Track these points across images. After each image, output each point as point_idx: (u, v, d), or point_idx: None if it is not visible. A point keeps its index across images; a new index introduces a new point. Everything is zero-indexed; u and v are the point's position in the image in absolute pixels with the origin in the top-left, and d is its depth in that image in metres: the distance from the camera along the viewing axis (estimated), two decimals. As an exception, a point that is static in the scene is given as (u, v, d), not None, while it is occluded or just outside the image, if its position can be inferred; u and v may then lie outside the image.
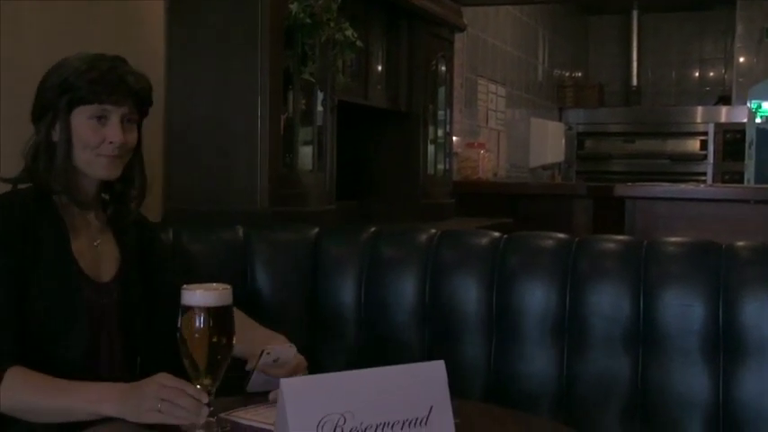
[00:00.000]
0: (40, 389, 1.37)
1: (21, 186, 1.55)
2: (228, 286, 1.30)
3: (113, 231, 1.62)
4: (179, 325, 1.27)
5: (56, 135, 1.51)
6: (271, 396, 1.36)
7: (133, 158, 1.58)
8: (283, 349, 1.46)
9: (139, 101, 1.54)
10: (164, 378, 1.29)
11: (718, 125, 7.38)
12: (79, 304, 1.49)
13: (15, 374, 1.37)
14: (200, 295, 1.27)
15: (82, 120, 1.49)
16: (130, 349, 1.57)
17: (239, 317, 1.55)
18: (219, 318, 1.26)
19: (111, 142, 1.49)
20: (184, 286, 1.28)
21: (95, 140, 1.49)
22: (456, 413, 1.03)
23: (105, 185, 1.58)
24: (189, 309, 1.26)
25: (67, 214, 1.54)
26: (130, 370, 1.56)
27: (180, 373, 1.30)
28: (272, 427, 1.17)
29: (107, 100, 1.49)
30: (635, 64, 8.45)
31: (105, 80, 1.48)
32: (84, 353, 1.48)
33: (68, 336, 1.47)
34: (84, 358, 1.48)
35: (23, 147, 1.54)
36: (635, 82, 8.48)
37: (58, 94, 1.49)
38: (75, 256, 1.52)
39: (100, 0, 2.22)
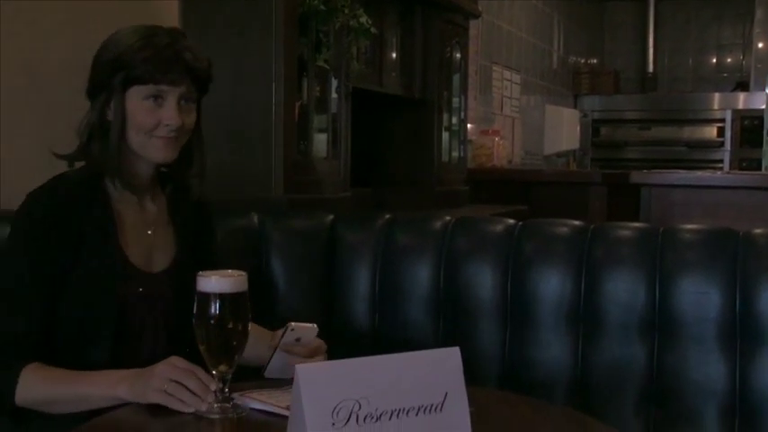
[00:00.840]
0: (57, 379, 1.36)
1: (74, 168, 1.49)
2: (244, 273, 1.30)
3: (171, 218, 1.56)
4: (194, 311, 1.27)
5: (110, 114, 1.44)
6: (272, 343, 1.39)
7: (192, 139, 1.50)
8: (307, 328, 1.46)
9: (198, 79, 1.46)
10: (176, 360, 1.29)
11: (736, 111, 7.32)
12: (119, 295, 1.43)
13: (32, 369, 1.36)
14: (215, 282, 1.27)
15: (137, 100, 1.42)
16: (177, 341, 1.50)
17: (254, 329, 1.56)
18: (235, 304, 1.27)
19: (167, 125, 1.42)
20: (199, 273, 1.29)
21: (151, 123, 1.42)
22: (471, 401, 1.03)
23: (163, 169, 1.52)
24: (204, 295, 1.27)
25: (120, 200, 1.49)
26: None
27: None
28: (284, 411, 1.18)
29: (163, 80, 1.40)
30: (651, 50, 8.37)
31: (161, 58, 1.40)
32: (123, 345, 1.44)
33: (104, 325, 1.43)
34: (125, 346, 1.45)
35: (78, 124, 1.47)
36: (651, 68, 8.40)
37: (112, 72, 1.42)
38: (123, 246, 1.46)
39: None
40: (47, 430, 1.38)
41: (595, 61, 8.46)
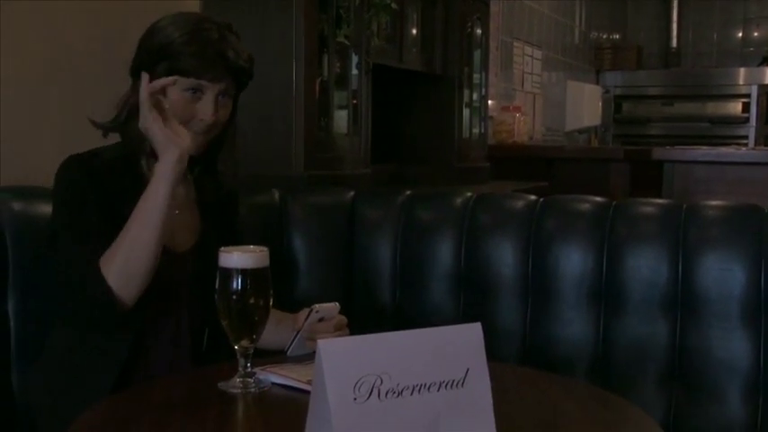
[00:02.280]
0: (124, 236, 1.38)
1: (108, 145, 1.52)
2: (265, 248, 1.30)
3: (197, 200, 1.59)
4: (216, 287, 1.28)
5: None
6: (296, 325, 1.42)
7: (226, 130, 1.54)
8: (330, 308, 1.47)
9: (238, 76, 1.50)
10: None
11: (762, 87, 7.20)
12: None
13: (103, 257, 1.38)
14: (237, 257, 1.27)
15: (177, 90, 1.45)
16: (199, 320, 1.53)
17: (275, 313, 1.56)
18: (257, 279, 1.27)
19: (201, 119, 1.46)
20: (221, 249, 1.29)
21: (186, 115, 1.46)
22: (492, 377, 1.02)
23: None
24: (226, 270, 1.27)
25: (150, 179, 1.50)
26: (196, 341, 1.53)
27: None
28: (306, 386, 1.19)
29: (205, 75, 1.44)
30: (675, 25, 8.24)
31: (205, 55, 1.43)
32: (148, 319, 1.46)
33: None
34: (147, 324, 1.46)
35: (118, 99, 1.50)
36: (675, 43, 8.28)
37: (157, 59, 1.45)
38: None
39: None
40: (82, 392, 1.38)
41: (618, 36, 8.35)
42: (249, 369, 1.27)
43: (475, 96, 4.08)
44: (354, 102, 2.78)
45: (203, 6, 2.44)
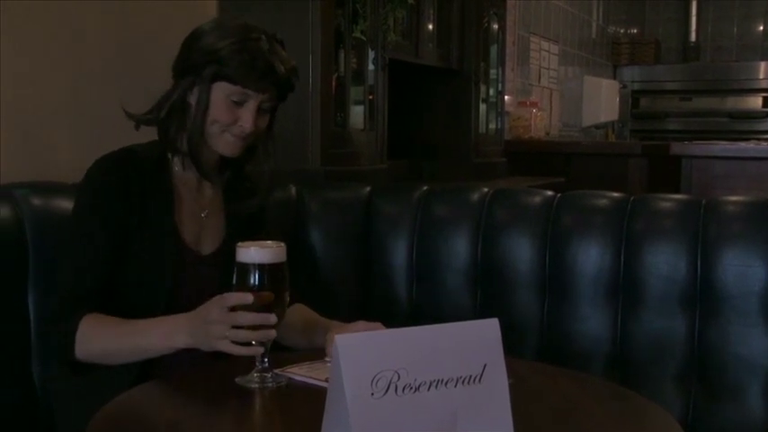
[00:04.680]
0: (115, 332, 1.38)
1: (142, 143, 1.53)
2: (282, 244, 1.30)
3: (225, 204, 1.59)
4: (234, 282, 1.28)
5: (192, 97, 1.48)
6: (329, 352, 1.37)
7: (263, 139, 1.55)
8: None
9: (282, 88, 1.51)
10: (225, 299, 1.26)
11: (784, 81, 7.14)
12: (168, 273, 1.46)
13: (90, 321, 1.38)
14: (254, 252, 1.28)
15: (221, 95, 1.46)
16: None
17: (305, 312, 1.57)
18: (273, 274, 1.28)
19: (241, 125, 1.47)
20: (239, 243, 1.30)
21: (228, 120, 1.47)
22: (510, 372, 1.02)
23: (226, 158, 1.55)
24: (243, 266, 1.28)
25: (181, 180, 1.53)
26: None
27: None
28: (324, 383, 1.19)
29: (251, 86, 1.45)
30: (694, 18, 8.16)
31: (254, 66, 1.44)
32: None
33: (156, 300, 1.45)
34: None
35: (162, 97, 1.51)
36: (693, 38, 8.20)
37: (205, 62, 1.46)
38: (178, 225, 1.50)
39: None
40: (102, 385, 1.39)
41: (635, 31, 8.29)
42: (266, 364, 1.28)
43: (491, 91, 4.07)
44: (371, 97, 2.78)
45: (219, 2, 2.45)
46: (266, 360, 1.28)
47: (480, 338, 1.01)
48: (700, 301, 1.76)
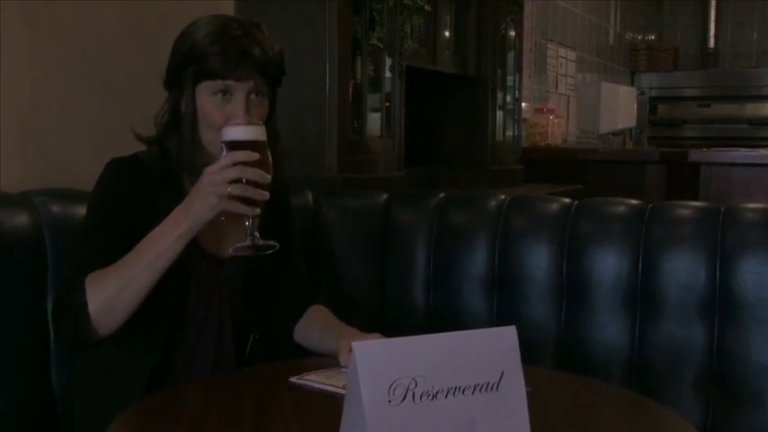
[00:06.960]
0: (120, 263, 1.34)
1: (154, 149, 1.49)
2: (262, 123, 1.36)
3: None
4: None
5: (184, 107, 1.44)
6: (342, 359, 1.37)
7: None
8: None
9: (268, 73, 1.43)
10: (216, 164, 1.29)
11: (804, 88, 7.08)
12: (176, 273, 1.39)
13: (93, 275, 1.34)
14: (241, 129, 1.32)
15: (206, 96, 1.41)
16: (243, 326, 1.52)
17: (324, 314, 1.57)
18: (257, 146, 1.32)
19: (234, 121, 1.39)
20: (226, 125, 1.34)
21: (219, 120, 1.39)
22: (527, 380, 1.02)
23: None
24: (230, 142, 1.31)
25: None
26: (239, 346, 1.51)
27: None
28: (342, 391, 1.19)
29: (230, 75, 1.39)
30: (712, 25, 8.11)
31: (228, 54, 1.38)
32: (184, 329, 1.46)
33: (169, 299, 1.42)
34: (182, 333, 1.46)
35: (157, 113, 1.46)
36: (712, 44, 8.15)
37: (184, 65, 1.41)
38: None
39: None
40: (117, 393, 1.39)
41: (653, 37, 8.26)
42: (257, 237, 1.34)
43: (508, 98, 4.07)
44: (388, 104, 2.79)
45: (237, 9, 2.46)
46: (257, 234, 1.33)
47: (498, 346, 1.01)
48: (718, 308, 1.75)
